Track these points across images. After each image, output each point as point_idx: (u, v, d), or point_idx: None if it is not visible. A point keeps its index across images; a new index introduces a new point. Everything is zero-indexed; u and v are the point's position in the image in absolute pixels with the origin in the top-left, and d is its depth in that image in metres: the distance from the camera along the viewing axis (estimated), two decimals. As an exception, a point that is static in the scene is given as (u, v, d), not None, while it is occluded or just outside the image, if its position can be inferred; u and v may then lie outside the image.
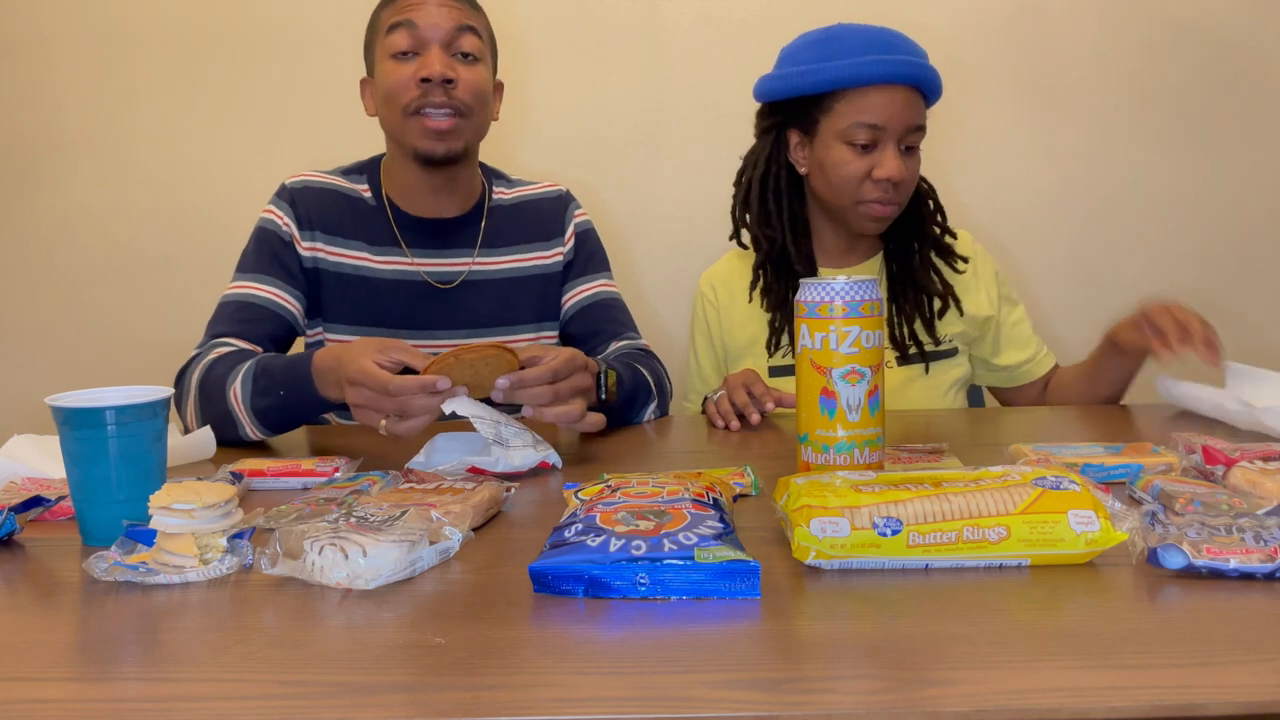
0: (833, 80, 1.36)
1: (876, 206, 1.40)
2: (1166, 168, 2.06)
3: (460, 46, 1.31)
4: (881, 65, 1.34)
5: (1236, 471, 0.86)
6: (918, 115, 1.38)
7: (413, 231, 1.40)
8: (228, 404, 1.16)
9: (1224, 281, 2.08)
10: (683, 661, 0.57)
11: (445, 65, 1.28)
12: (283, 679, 0.56)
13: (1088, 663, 0.55)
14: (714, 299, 1.57)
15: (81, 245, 2.08)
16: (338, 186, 1.40)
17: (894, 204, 1.40)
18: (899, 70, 1.35)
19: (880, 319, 0.90)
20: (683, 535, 0.69)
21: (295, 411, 1.16)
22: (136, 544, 0.76)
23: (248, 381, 1.15)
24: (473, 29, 1.32)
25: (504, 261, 1.43)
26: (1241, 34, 2.02)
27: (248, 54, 2.04)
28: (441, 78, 1.28)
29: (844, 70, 1.35)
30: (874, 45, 1.35)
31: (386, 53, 1.31)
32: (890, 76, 1.35)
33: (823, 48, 1.38)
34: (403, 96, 1.29)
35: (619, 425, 1.30)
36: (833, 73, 1.36)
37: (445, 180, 1.38)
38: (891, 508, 0.71)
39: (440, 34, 1.29)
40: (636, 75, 2.03)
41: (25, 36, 2.03)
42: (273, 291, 1.33)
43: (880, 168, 1.37)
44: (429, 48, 1.29)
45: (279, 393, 1.14)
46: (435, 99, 1.29)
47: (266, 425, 1.17)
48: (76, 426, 0.82)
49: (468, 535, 0.79)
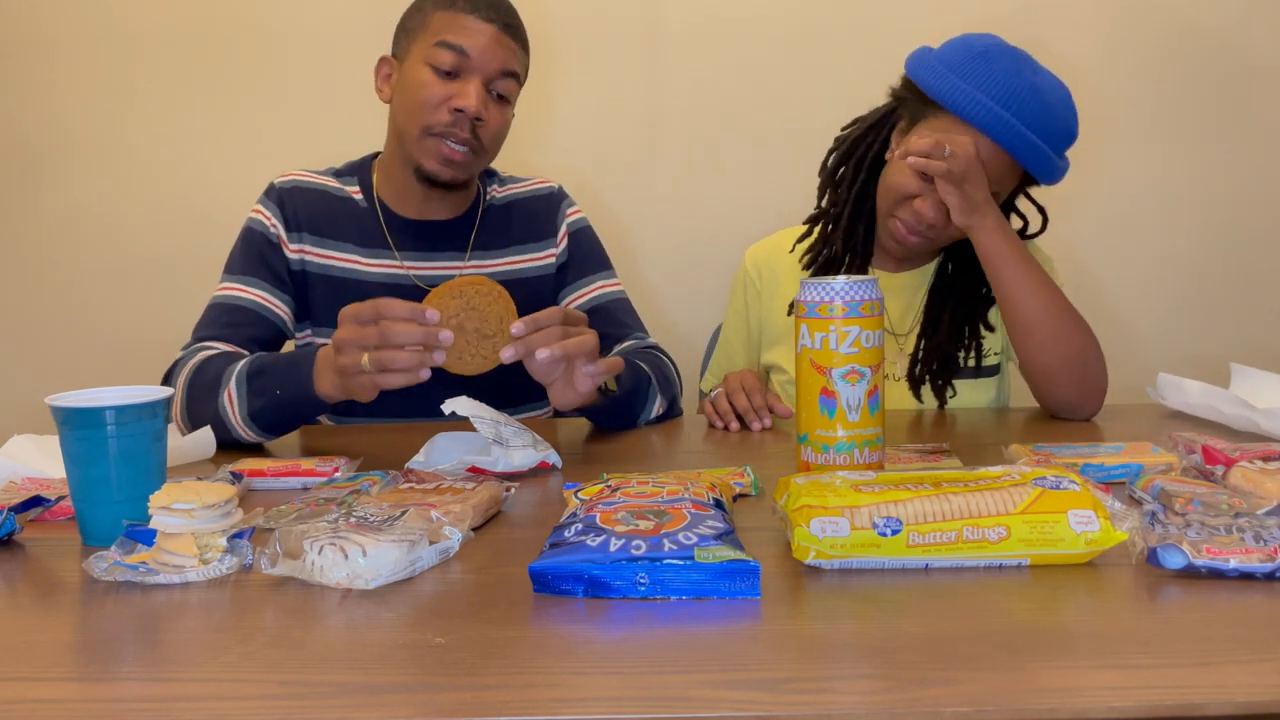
0: (957, 105, 1.27)
1: (900, 227, 1.34)
2: (1166, 167, 2.06)
3: (499, 88, 1.29)
4: (995, 121, 1.25)
5: (1236, 471, 0.86)
6: (996, 177, 1.28)
7: (403, 234, 1.38)
8: (218, 406, 1.14)
9: (1226, 281, 2.08)
10: (683, 661, 0.57)
11: (481, 103, 1.27)
12: (283, 679, 0.56)
13: (1088, 663, 0.55)
14: (756, 279, 1.52)
15: (81, 245, 2.08)
16: (327, 187, 1.39)
17: (919, 236, 1.34)
18: (1006, 135, 1.26)
19: (880, 319, 0.90)
20: (683, 535, 0.69)
21: (291, 411, 1.15)
22: (136, 544, 0.76)
23: (242, 383, 1.14)
24: (515, 75, 1.31)
25: (496, 264, 1.42)
26: (1244, 36, 2.02)
27: (248, 54, 2.03)
28: (475, 115, 1.26)
29: (972, 105, 1.26)
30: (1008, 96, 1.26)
31: (426, 59, 1.27)
32: (996, 135, 1.26)
33: (979, 64, 1.29)
34: (429, 115, 1.27)
35: (623, 427, 1.29)
36: (961, 97, 1.26)
37: (439, 192, 1.37)
38: (891, 508, 0.71)
39: (486, 73, 1.27)
40: (636, 74, 2.03)
41: (25, 37, 2.03)
42: (260, 295, 1.31)
43: (918, 204, 1.31)
44: (471, 77, 1.27)
45: (275, 392, 1.12)
46: (460, 133, 1.27)
47: (261, 427, 1.15)
48: (76, 426, 0.82)
49: (468, 535, 0.79)
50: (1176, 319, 2.09)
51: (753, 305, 1.53)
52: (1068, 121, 1.31)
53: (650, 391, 1.31)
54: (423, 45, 1.28)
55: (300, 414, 1.16)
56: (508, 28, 1.29)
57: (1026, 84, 1.27)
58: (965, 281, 1.41)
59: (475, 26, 1.27)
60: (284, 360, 1.15)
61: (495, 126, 1.31)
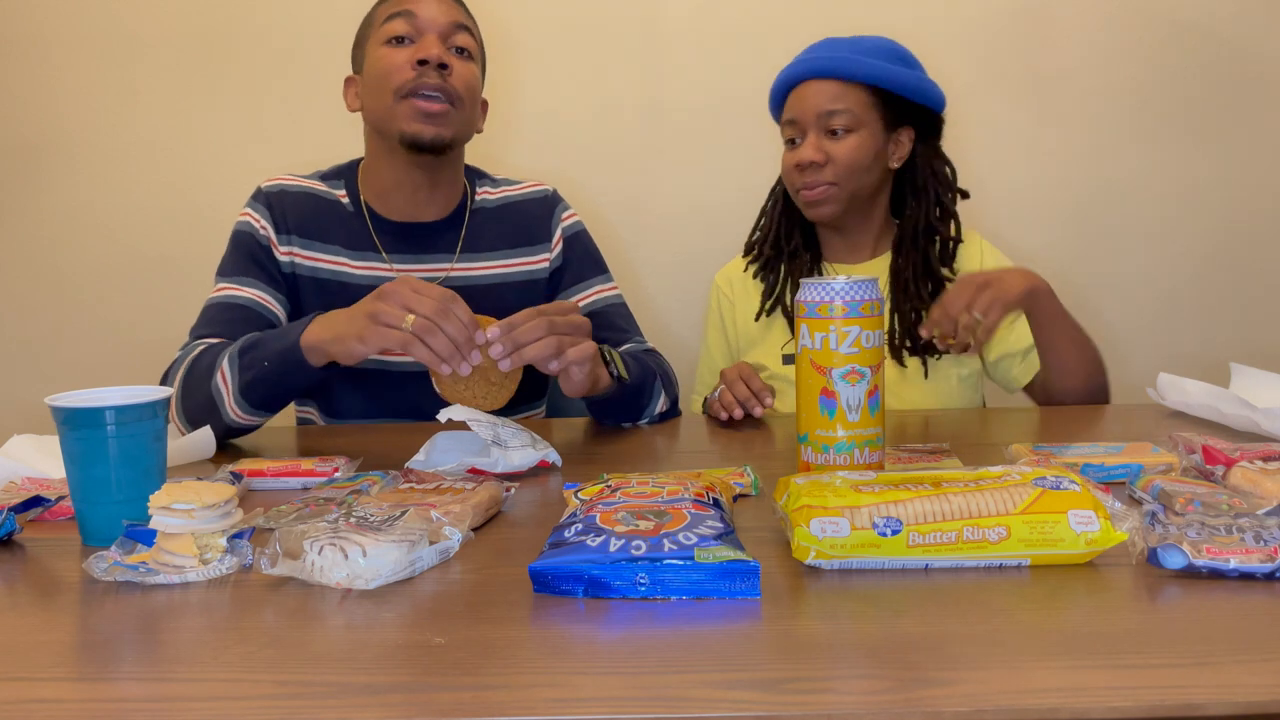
0: (777, 85, 1.54)
1: (804, 193, 1.49)
2: (1166, 167, 2.06)
3: (455, 42, 1.32)
4: (804, 63, 1.49)
5: (1236, 471, 0.86)
6: (827, 101, 1.46)
7: (390, 236, 1.38)
8: (212, 389, 1.14)
9: (1226, 281, 2.08)
10: (683, 661, 0.57)
11: (442, 51, 1.30)
12: (283, 679, 0.56)
13: (1088, 663, 0.55)
14: (729, 292, 1.64)
15: (81, 245, 2.08)
16: (314, 190, 1.39)
17: (820, 185, 1.47)
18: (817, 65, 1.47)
19: (880, 319, 0.90)
20: (683, 535, 0.69)
21: (277, 377, 1.12)
22: (136, 544, 0.76)
23: (234, 360, 1.14)
24: (468, 29, 1.34)
25: (486, 267, 1.41)
26: (1241, 33, 2.02)
27: (249, 54, 2.04)
28: (438, 61, 1.28)
29: (786, 72, 1.52)
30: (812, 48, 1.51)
31: (380, 40, 1.31)
32: (796, 76, 1.49)
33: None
34: (396, 78, 1.29)
35: (629, 420, 1.30)
36: (772, 87, 1.55)
37: (427, 178, 1.36)
38: (891, 508, 0.70)
39: (438, 26, 1.31)
40: (636, 74, 2.03)
41: (26, 37, 2.03)
42: (256, 293, 1.31)
43: (796, 155, 1.49)
44: (426, 35, 1.30)
45: (263, 363, 1.12)
46: (430, 80, 1.28)
47: (250, 403, 1.14)
48: (76, 426, 0.82)
49: (468, 535, 0.79)
50: (1176, 319, 2.09)
51: (728, 315, 1.64)
52: (879, 41, 1.50)
53: (656, 387, 1.31)
54: (376, 35, 1.33)
55: (287, 376, 1.13)
56: None
57: (820, 41, 1.52)
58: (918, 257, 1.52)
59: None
60: (273, 332, 1.16)
61: (465, 76, 1.32)
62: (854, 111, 1.45)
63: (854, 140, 1.46)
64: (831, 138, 1.46)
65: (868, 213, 1.54)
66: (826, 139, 1.46)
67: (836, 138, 1.46)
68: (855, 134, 1.46)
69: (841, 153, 1.46)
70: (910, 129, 1.51)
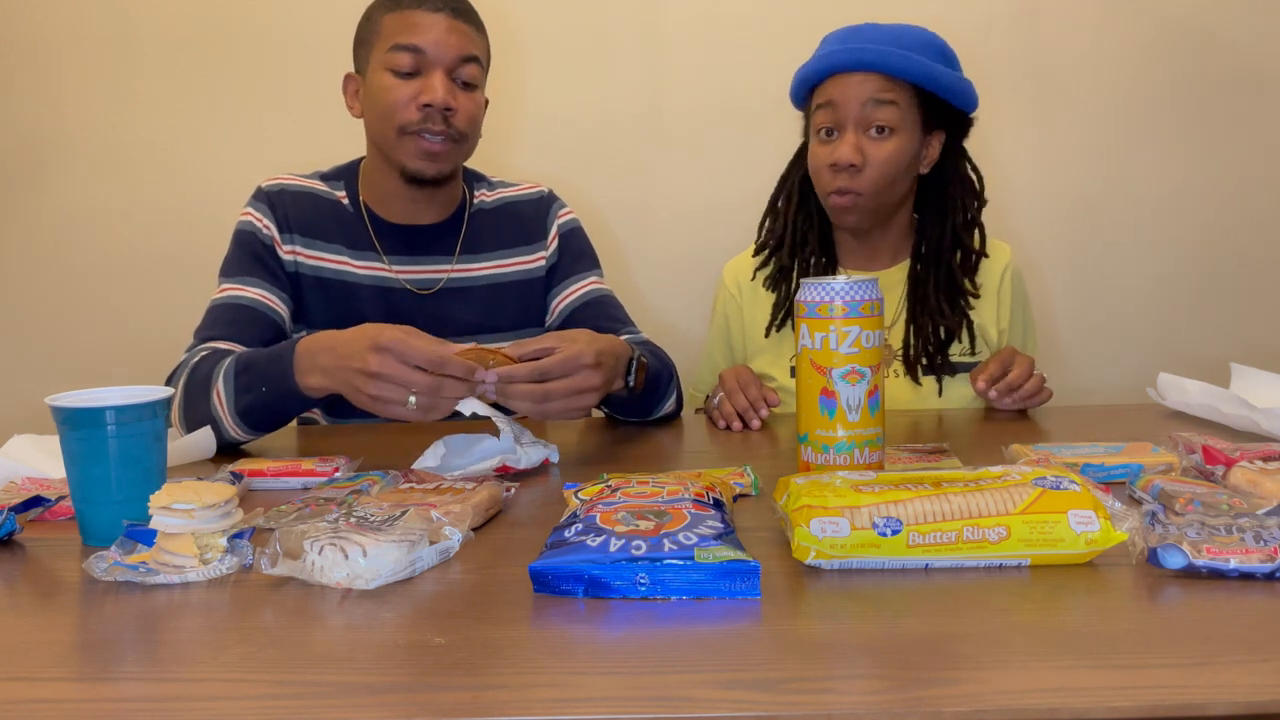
0: (811, 72, 1.40)
1: (834, 197, 1.40)
2: (1166, 167, 2.06)
3: (462, 75, 1.29)
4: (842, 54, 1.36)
5: (1236, 471, 0.86)
6: (874, 96, 1.35)
7: (390, 238, 1.38)
8: (210, 406, 1.14)
9: (1226, 281, 2.08)
10: (683, 661, 0.57)
11: (448, 93, 1.27)
12: (283, 679, 0.56)
13: (1088, 663, 0.55)
14: (737, 295, 1.56)
15: (82, 245, 2.08)
16: (315, 190, 1.39)
17: (852, 192, 1.38)
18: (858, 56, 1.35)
19: (880, 319, 0.90)
20: (683, 535, 0.69)
21: (278, 408, 1.13)
22: (136, 544, 0.76)
23: (229, 380, 1.13)
24: (476, 59, 1.31)
25: (484, 268, 1.41)
26: (1241, 33, 2.02)
27: (251, 56, 2.03)
28: (444, 106, 1.26)
29: (820, 60, 1.39)
30: (847, 35, 1.39)
31: (385, 65, 1.28)
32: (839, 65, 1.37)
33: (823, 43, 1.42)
34: (400, 116, 1.27)
35: (640, 415, 1.30)
36: (812, 64, 1.40)
37: (426, 193, 1.36)
38: (891, 508, 0.70)
39: (445, 61, 1.27)
40: (636, 74, 2.03)
41: (28, 37, 2.03)
42: (260, 293, 1.31)
43: (833, 153, 1.38)
44: (432, 70, 1.27)
45: (260, 389, 1.11)
46: (434, 126, 1.27)
47: (249, 425, 1.14)
48: (76, 426, 0.82)
49: (468, 535, 0.79)
50: (1176, 319, 2.09)
51: (734, 318, 1.56)
52: (924, 35, 1.39)
53: (670, 386, 1.32)
54: (379, 52, 1.29)
55: (288, 409, 1.15)
56: (457, 13, 1.29)
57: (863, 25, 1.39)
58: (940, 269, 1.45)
59: (425, 20, 1.27)
60: (265, 355, 1.13)
61: (467, 113, 1.30)
62: (899, 111, 1.36)
63: (894, 144, 1.36)
64: (871, 137, 1.36)
65: (891, 219, 1.46)
66: (865, 138, 1.36)
67: (876, 138, 1.36)
68: (896, 136, 1.36)
69: (881, 157, 1.36)
70: (942, 132, 1.43)
